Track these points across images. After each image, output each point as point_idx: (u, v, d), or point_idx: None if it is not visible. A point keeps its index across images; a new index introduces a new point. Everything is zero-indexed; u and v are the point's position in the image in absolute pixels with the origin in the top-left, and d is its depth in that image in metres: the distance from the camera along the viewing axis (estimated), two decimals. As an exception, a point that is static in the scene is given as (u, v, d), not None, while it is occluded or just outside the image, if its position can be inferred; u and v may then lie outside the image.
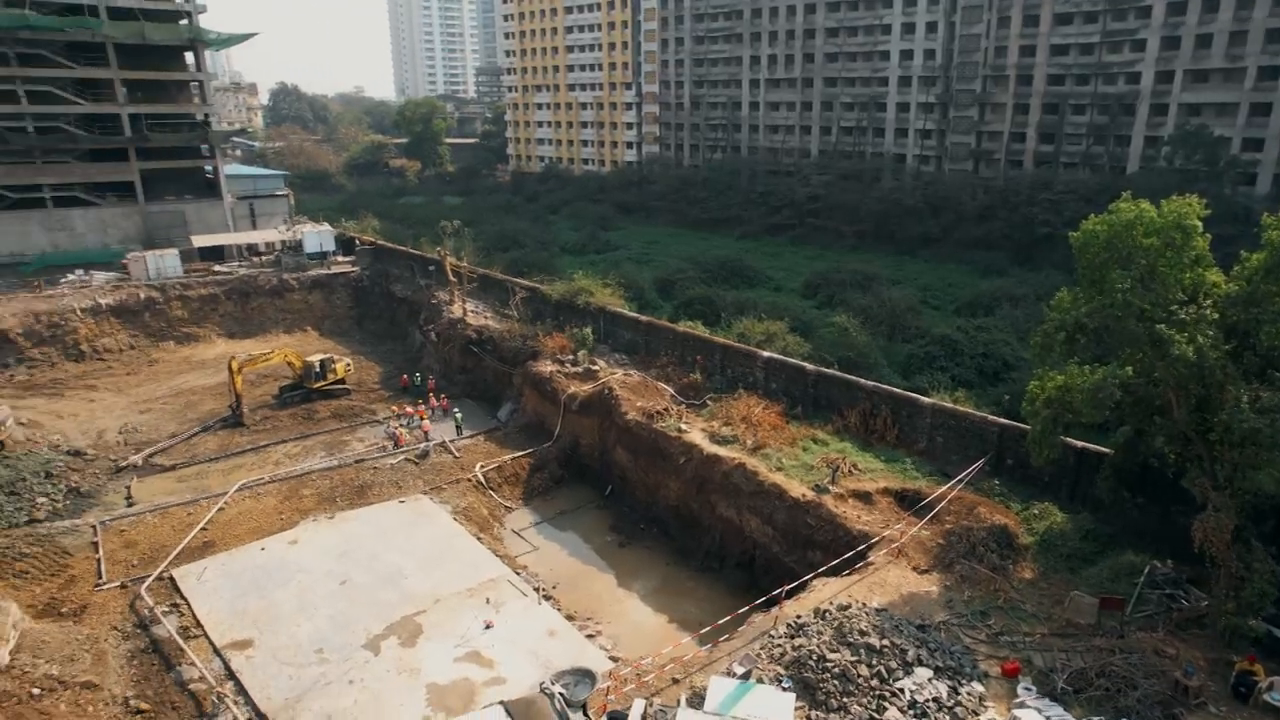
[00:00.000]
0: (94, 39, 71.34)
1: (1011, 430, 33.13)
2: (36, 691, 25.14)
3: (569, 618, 31.67)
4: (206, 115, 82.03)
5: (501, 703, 23.72)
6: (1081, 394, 24.24)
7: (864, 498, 32.96)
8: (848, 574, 28.39)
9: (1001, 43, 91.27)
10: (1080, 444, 30.75)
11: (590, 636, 30.61)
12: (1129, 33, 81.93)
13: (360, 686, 27.58)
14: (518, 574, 34.51)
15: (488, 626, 30.62)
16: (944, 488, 32.04)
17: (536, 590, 33.11)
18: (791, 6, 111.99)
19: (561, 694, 23.69)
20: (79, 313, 60.74)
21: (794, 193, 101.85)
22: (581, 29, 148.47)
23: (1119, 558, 27.26)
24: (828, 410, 40.25)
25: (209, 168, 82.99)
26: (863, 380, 39.89)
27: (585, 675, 26.09)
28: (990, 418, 34.75)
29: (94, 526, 37.36)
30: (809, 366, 42.08)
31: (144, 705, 26.37)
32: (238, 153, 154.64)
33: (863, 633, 23.41)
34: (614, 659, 28.57)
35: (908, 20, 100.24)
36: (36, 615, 30.16)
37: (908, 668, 22.50)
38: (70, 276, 67.13)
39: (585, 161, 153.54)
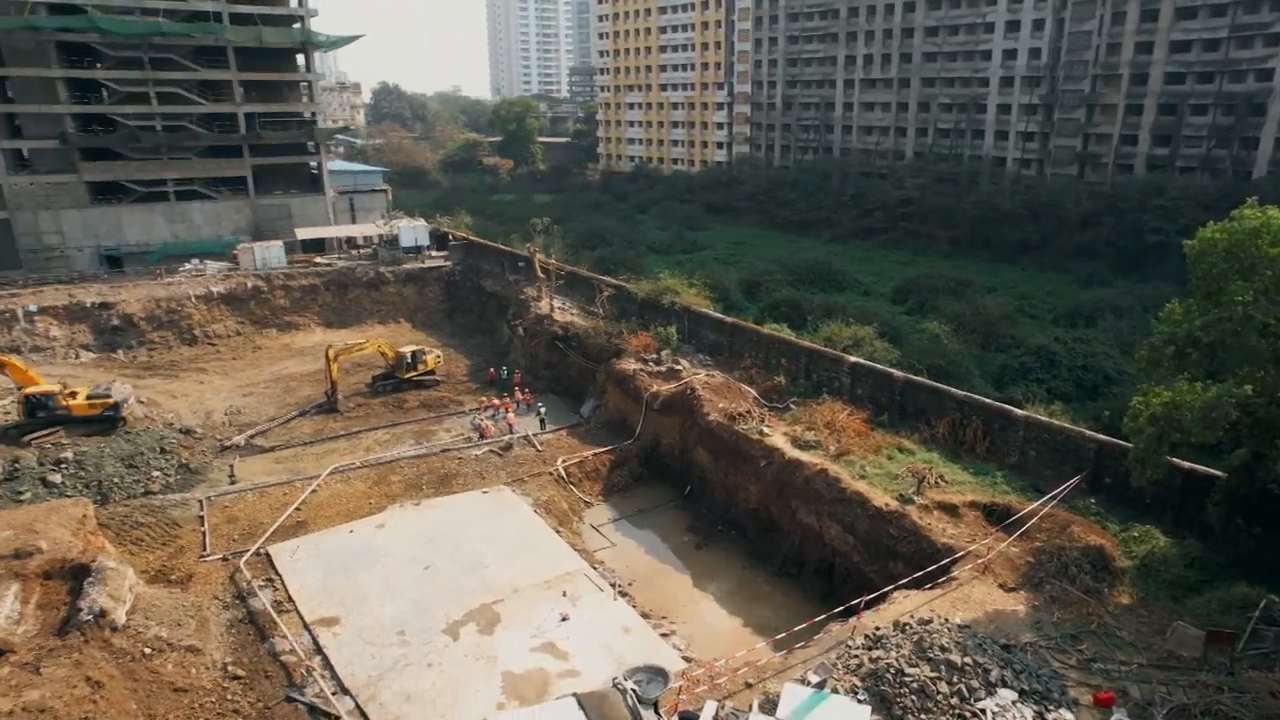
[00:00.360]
0: (216, 43, 75.68)
1: (1111, 447, 31.55)
2: (148, 651, 26.82)
3: (644, 615, 31.79)
4: (313, 114, 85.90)
5: (575, 695, 24.07)
6: (1192, 412, 22.88)
7: (950, 510, 31.97)
8: (930, 588, 27.58)
9: (1115, 39, 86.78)
10: (1188, 465, 29.07)
11: (664, 635, 30.64)
12: (1261, 26, 76.55)
13: (439, 670, 28.34)
14: (595, 569, 34.83)
15: (564, 619, 31.01)
16: (1036, 504, 30.76)
17: (613, 586, 33.36)
18: (890, 5, 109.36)
19: (634, 690, 23.88)
20: (193, 300, 64.62)
21: (886, 196, 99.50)
22: (675, 29, 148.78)
23: (1230, 589, 25.55)
24: (915, 419, 39.18)
25: (314, 164, 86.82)
26: (953, 389, 38.68)
27: (658, 673, 26.20)
28: (1088, 433, 33.18)
29: (200, 501, 39.66)
30: (897, 373, 41.08)
31: (240, 671, 27.81)
32: (340, 149, 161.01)
33: (944, 649, 22.71)
34: (687, 659, 28.53)
35: (1013, 18, 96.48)
36: (149, 580, 32.15)
37: (990, 688, 21.70)
38: (187, 266, 71.39)
39: (675, 161, 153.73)
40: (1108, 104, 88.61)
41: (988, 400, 37.57)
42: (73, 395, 45.22)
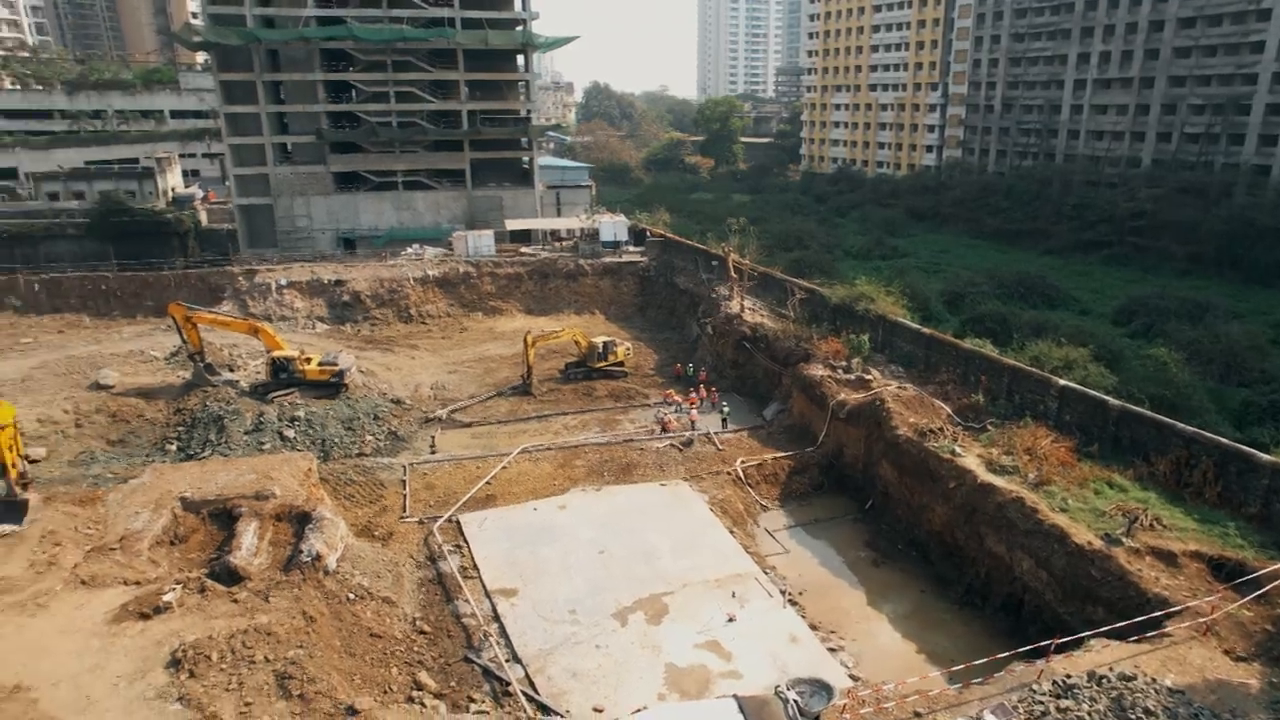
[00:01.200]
0: (448, 46, 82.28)
1: (1385, 509, 26.94)
2: (351, 596, 29.71)
3: (812, 627, 31.07)
4: (529, 111, 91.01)
5: (735, 696, 23.91)
6: None
7: (1166, 558, 28.62)
8: (1135, 640, 24.84)
9: None
10: None
11: (832, 650, 29.82)
12: None
13: (604, 653, 29.14)
14: (765, 573, 34.46)
15: (730, 619, 30.95)
16: None
17: (783, 593, 32.87)
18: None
19: (796, 701, 23.36)
20: (411, 281, 70.62)
21: (1115, 207, 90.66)
22: (889, 28, 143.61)
23: None
24: (1130, 453, 35.40)
25: (525, 159, 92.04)
26: (1180, 424, 34.54)
27: (822, 688, 25.46)
28: (1355, 490, 28.52)
29: (404, 466, 43.26)
30: (1112, 401, 37.32)
31: (426, 627, 30.09)
32: (550, 145, 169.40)
33: (1149, 712, 20.44)
34: (854, 678, 27.62)
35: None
36: (356, 533, 35.52)
37: (1204, 764, 19.29)
38: (408, 250, 78.02)
39: (879, 164, 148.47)
40: None
41: (1224, 440, 33.19)
42: (307, 361, 50.65)
